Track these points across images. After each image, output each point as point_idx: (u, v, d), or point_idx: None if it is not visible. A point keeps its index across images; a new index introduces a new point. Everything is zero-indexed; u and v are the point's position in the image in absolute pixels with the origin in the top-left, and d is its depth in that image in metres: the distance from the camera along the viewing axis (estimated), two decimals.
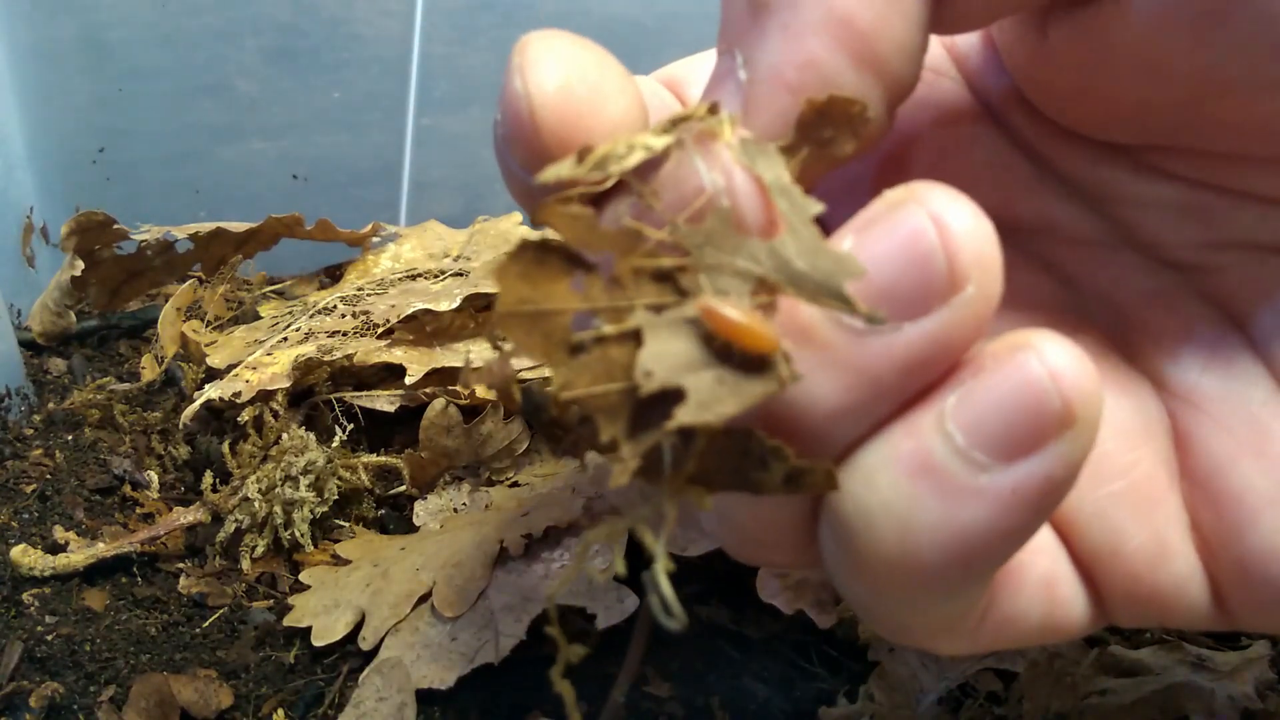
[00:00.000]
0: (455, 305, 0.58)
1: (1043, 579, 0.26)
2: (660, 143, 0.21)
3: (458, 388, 0.57)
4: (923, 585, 0.22)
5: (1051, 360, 0.20)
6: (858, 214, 0.21)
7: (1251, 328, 0.26)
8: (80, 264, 0.63)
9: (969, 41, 0.29)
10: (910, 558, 0.21)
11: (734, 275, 0.21)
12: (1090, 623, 0.27)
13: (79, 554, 0.47)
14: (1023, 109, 0.28)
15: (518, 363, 0.24)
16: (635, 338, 0.20)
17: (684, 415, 0.19)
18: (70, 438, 0.57)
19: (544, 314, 0.20)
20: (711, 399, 0.19)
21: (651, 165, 0.21)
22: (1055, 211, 0.28)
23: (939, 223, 0.19)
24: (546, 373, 0.21)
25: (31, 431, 0.58)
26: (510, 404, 0.56)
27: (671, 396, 0.19)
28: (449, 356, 0.58)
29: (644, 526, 0.20)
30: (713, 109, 0.21)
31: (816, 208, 0.20)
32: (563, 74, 0.21)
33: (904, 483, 0.21)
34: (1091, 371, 0.20)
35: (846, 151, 0.22)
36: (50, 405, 0.60)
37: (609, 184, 0.21)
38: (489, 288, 0.59)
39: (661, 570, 0.19)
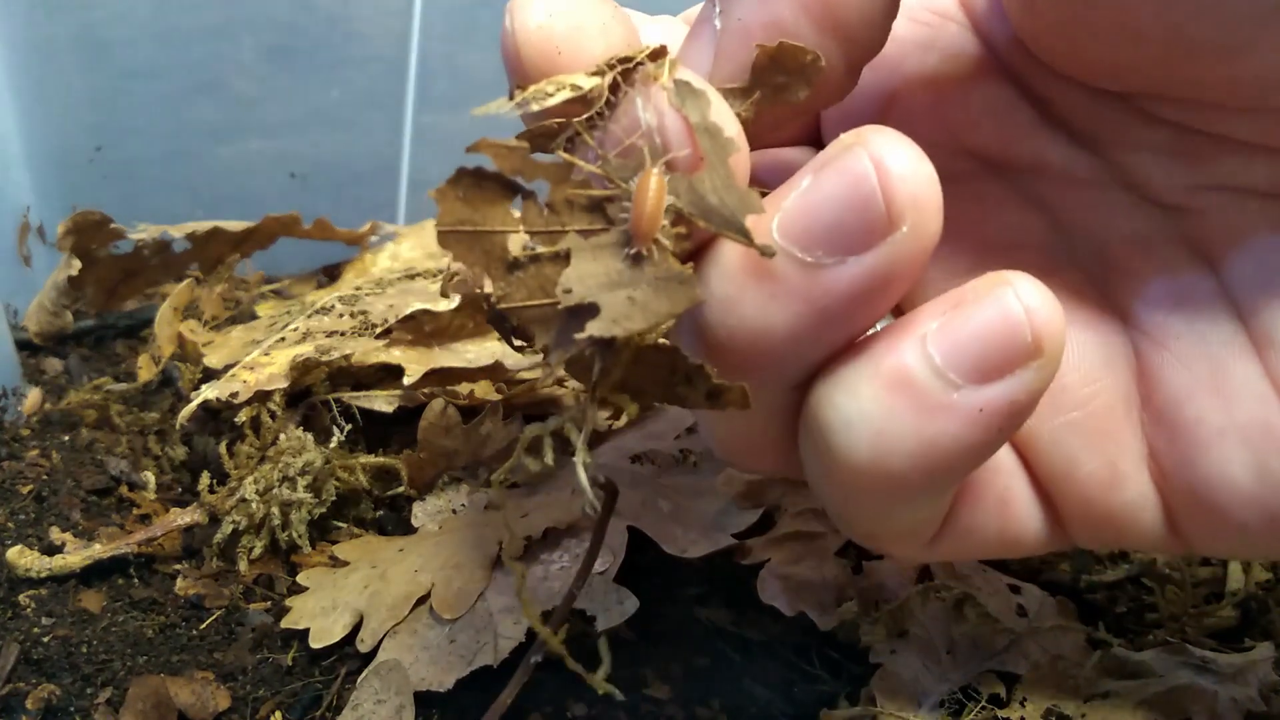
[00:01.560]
0: (454, 305, 0.58)
1: (999, 496, 0.28)
2: (588, 84, 0.22)
3: (456, 388, 0.57)
4: (891, 490, 0.24)
5: (1027, 298, 0.22)
6: (819, 155, 0.22)
7: (1224, 272, 0.28)
8: (77, 263, 0.63)
9: None
10: (882, 463, 0.23)
11: None
12: (1048, 540, 0.29)
13: (75, 555, 0.47)
14: (1024, 54, 0.29)
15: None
16: (567, 258, 0.22)
17: (593, 328, 0.21)
18: (67, 438, 0.57)
19: (482, 234, 0.22)
20: (622, 315, 0.21)
21: (585, 103, 0.23)
22: (1052, 153, 0.29)
23: (879, 166, 0.21)
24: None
25: (28, 432, 0.57)
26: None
27: (591, 311, 0.21)
28: (448, 357, 0.58)
29: (571, 425, 0.22)
30: (655, 54, 0.23)
31: (735, 148, 0.22)
32: (544, 13, 0.23)
33: (883, 394, 0.23)
34: (1060, 312, 0.22)
35: (800, 97, 0.24)
36: (47, 405, 0.60)
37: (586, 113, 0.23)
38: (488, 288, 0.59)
39: (580, 461, 0.22)
